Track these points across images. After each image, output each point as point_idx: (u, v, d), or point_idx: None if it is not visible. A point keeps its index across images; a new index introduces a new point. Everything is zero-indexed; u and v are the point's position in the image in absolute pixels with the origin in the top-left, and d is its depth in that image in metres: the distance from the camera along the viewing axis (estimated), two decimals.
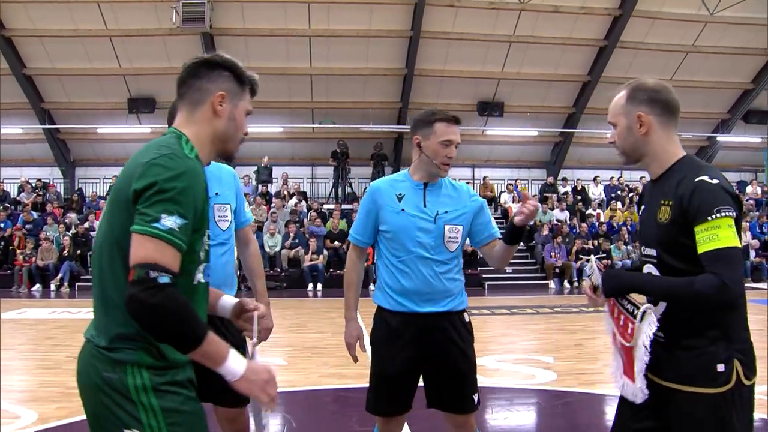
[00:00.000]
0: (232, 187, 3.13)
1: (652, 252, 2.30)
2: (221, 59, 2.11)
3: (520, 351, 8.14)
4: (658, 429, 2.29)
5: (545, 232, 18.34)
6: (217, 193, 3.02)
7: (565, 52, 19.73)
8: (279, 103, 20.53)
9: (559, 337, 9.27)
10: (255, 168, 20.75)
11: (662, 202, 2.25)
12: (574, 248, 17.51)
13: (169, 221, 1.80)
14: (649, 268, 2.31)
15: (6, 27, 18.17)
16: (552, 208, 20.02)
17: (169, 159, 1.87)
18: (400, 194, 3.13)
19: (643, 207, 2.46)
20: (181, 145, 1.97)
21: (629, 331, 2.23)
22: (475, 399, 3.15)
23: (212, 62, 2.10)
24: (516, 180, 22.51)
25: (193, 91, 2.07)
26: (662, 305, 2.25)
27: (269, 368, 1.97)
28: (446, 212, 3.10)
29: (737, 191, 2.24)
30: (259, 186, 20.11)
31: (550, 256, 17.38)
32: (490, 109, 20.97)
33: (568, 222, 19.34)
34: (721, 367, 2.13)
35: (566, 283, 17.01)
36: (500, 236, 3.20)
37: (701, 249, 2.10)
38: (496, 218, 21.11)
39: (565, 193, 21.55)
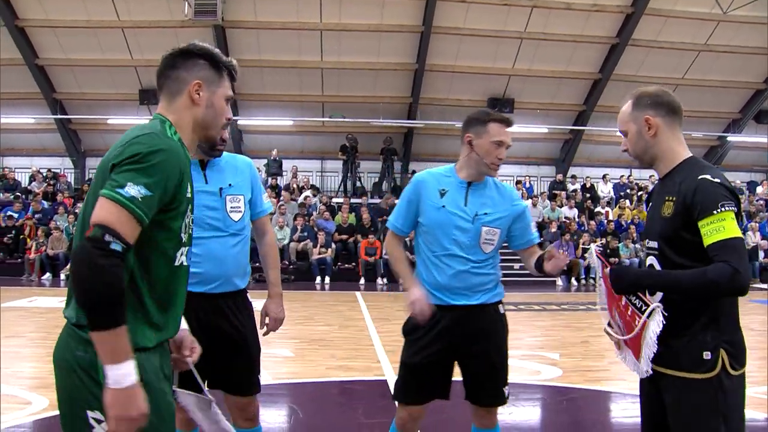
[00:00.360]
0: (247, 178, 3.14)
1: (654, 245, 2.46)
2: (196, 48, 2.14)
3: (526, 347, 8.15)
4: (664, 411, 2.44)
5: (553, 229, 18.33)
6: (230, 184, 3.04)
7: (576, 49, 19.67)
8: (289, 96, 20.62)
9: (566, 333, 9.29)
10: (265, 161, 20.85)
11: (666, 198, 2.41)
12: (581, 244, 17.49)
13: (133, 190, 1.82)
14: (651, 260, 2.47)
15: (19, 17, 18.27)
16: (560, 206, 20.01)
17: (149, 137, 1.93)
18: (443, 190, 3.15)
19: (651, 204, 2.60)
20: (164, 128, 2.03)
21: (636, 322, 2.36)
22: (506, 392, 3.20)
23: (187, 52, 2.13)
24: (526, 176, 22.47)
25: (171, 82, 2.12)
26: (659, 295, 2.39)
27: (146, 410, 1.85)
28: (486, 214, 3.13)
29: (747, 191, 2.34)
30: (269, 179, 20.18)
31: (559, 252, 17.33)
32: (501, 105, 20.89)
33: (577, 219, 19.33)
34: (707, 355, 2.29)
35: (573, 281, 17.02)
36: (538, 242, 3.28)
37: (708, 240, 2.24)
38: None
39: (574, 190, 21.53)
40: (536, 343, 8.46)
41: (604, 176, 22.23)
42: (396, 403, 3.30)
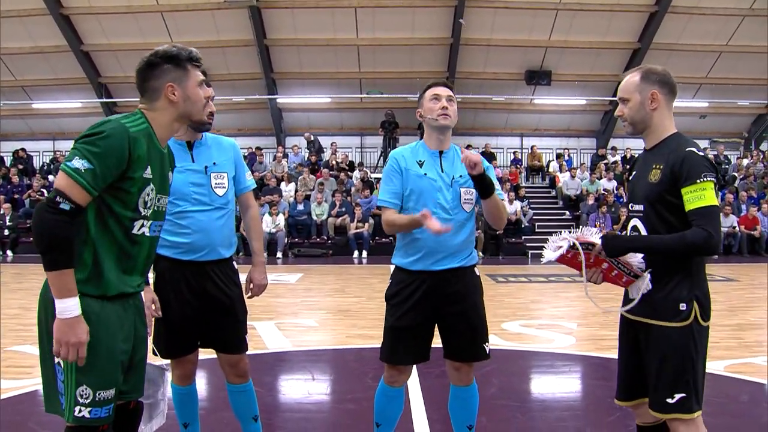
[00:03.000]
0: (230, 157, 3.40)
1: (639, 207, 2.79)
2: (160, 55, 2.48)
3: (547, 317, 8.31)
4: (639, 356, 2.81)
5: (591, 201, 18.25)
6: (214, 163, 3.31)
7: (613, 18, 19.37)
8: (327, 73, 20.89)
9: (589, 304, 9.26)
10: (303, 137, 21.28)
11: (654, 166, 2.74)
12: (621, 219, 17.34)
13: (78, 162, 2.22)
14: (635, 222, 2.81)
15: (64, 5, 18.90)
16: (600, 178, 19.86)
17: (105, 122, 2.33)
18: (420, 160, 3.38)
19: (634, 172, 2.94)
20: (129, 117, 2.42)
21: (624, 280, 2.78)
22: (486, 349, 3.43)
23: (153, 63, 2.48)
24: (565, 149, 22.34)
25: (148, 92, 2.50)
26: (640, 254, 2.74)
27: (84, 340, 2.24)
28: (460, 176, 3.34)
29: None
30: (309, 158, 20.54)
31: (595, 226, 17.26)
32: (538, 77, 20.82)
33: (615, 192, 19.18)
34: (683, 306, 2.66)
35: None
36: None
37: (690, 206, 2.59)
38: (543, 187, 21.16)
39: (615, 162, 21.30)
40: (557, 314, 8.59)
41: (644, 148, 21.85)
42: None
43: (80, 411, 2.30)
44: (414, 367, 5.09)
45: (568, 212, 19.39)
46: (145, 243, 2.48)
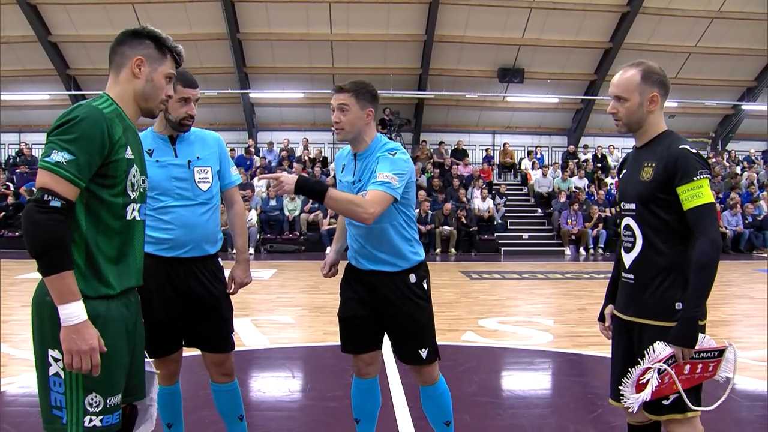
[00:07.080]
0: (215, 152, 3.33)
1: (631, 206, 2.75)
2: (146, 30, 2.40)
3: (523, 314, 8.34)
4: (633, 357, 2.72)
5: (562, 199, 18.40)
6: (198, 157, 3.24)
7: (586, 18, 19.53)
8: (300, 68, 20.75)
9: (564, 301, 9.45)
10: (276, 133, 21.06)
11: (645, 164, 2.69)
12: (594, 217, 17.52)
13: (58, 156, 2.10)
14: (627, 221, 2.77)
15: None
16: (571, 175, 20.04)
17: (75, 108, 2.20)
18: (344, 164, 3.38)
19: (624, 171, 2.90)
20: (96, 100, 2.28)
21: (711, 367, 2.69)
22: (422, 354, 3.31)
23: (138, 33, 2.39)
24: (537, 146, 22.52)
25: (117, 56, 2.37)
26: (635, 252, 2.73)
27: (96, 345, 2.12)
28: (359, 180, 3.26)
29: (762, 160, 2.62)
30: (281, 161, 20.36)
31: (567, 223, 17.46)
32: (511, 75, 20.91)
33: (586, 189, 19.37)
34: (678, 305, 2.60)
35: (582, 250, 17.11)
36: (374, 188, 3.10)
37: (688, 205, 2.56)
38: (515, 184, 21.29)
39: (586, 160, 21.52)
40: (533, 311, 8.63)
41: (609, 146, 22.27)
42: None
43: (91, 421, 2.18)
44: (395, 365, 5.12)
45: (540, 209, 19.53)
46: (139, 228, 2.40)
